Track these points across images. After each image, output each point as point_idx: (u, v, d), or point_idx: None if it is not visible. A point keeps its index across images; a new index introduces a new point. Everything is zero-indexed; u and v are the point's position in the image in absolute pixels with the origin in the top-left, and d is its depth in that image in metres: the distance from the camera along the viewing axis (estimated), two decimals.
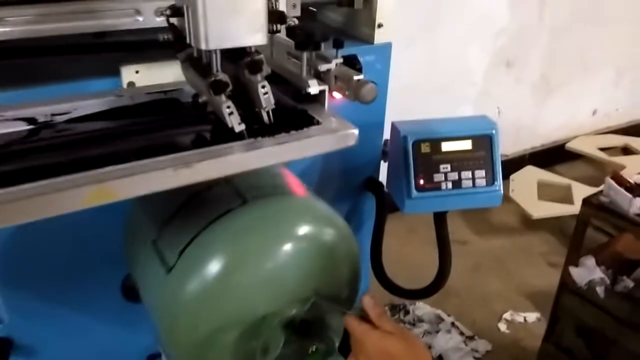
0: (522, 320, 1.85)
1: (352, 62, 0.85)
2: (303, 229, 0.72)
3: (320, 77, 0.72)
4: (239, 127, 0.57)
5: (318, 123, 0.63)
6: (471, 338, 1.76)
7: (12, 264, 0.88)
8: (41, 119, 0.64)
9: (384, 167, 1.21)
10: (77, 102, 0.66)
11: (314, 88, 0.66)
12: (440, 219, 1.15)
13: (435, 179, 1.07)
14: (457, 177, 1.08)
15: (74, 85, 0.74)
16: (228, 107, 0.56)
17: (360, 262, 0.81)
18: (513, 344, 1.76)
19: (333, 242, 0.75)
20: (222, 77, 0.55)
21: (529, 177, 2.49)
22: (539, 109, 2.76)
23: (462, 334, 1.77)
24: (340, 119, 0.65)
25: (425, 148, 1.07)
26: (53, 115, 0.64)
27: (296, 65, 0.71)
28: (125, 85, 0.76)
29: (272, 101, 0.59)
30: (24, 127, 0.63)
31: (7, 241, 0.86)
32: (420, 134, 1.06)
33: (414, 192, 1.06)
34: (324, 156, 1.12)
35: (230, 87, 0.56)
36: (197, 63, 0.60)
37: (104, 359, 1.06)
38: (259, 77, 0.58)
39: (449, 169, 1.08)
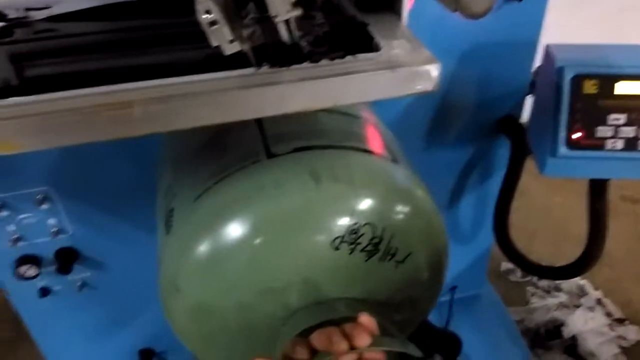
0: None
1: None
2: (354, 202, 0.49)
3: None
4: (230, 48, 0.35)
5: (376, 49, 0.38)
6: (620, 321, 1.42)
7: (77, 176, 0.83)
8: (12, 14, 0.47)
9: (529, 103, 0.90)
10: None
11: None
12: (597, 188, 0.83)
13: (599, 134, 0.75)
14: (633, 135, 0.74)
15: None
16: (207, 11, 0.33)
17: (446, 255, 0.57)
18: None
19: (403, 225, 0.52)
20: None
21: None
22: None
23: (608, 314, 1.43)
24: (416, 45, 0.39)
25: (590, 87, 0.74)
26: (27, 10, 0.47)
27: None
28: None
29: (288, 7, 0.35)
30: None
31: (70, 154, 0.80)
32: (585, 66, 0.73)
33: (563, 149, 0.75)
34: (450, 79, 0.86)
35: None
36: None
37: None
38: None
39: (623, 121, 0.74)
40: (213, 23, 0.34)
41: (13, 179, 0.79)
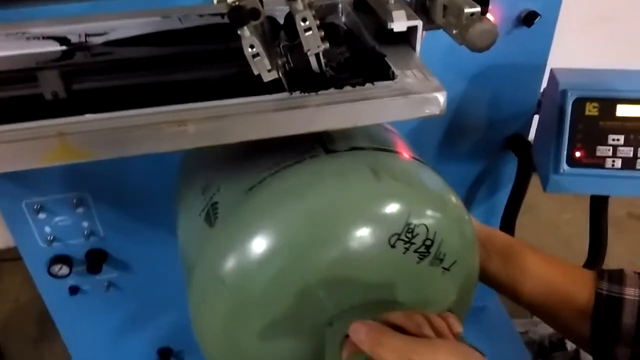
0: None
1: None
2: (412, 201, 0.49)
3: (425, 4, 0.51)
4: (269, 76, 0.41)
5: (392, 77, 0.44)
6: None
7: (110, 183, 0.88)
8: (74, 40, 0.54)
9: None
10: (115, 21, 0.54)
11: (399, 23, 0.45)
12: (598, 203, 0.88)
13: (599, 153, 0.80)
14: (631, 155, 0.79)
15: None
16: (251, 46, 0.39)
17: (477, 264, 0.59)
18: None
19: (451, 232, 0.52)
20: (249, 1, 0.39)
21: None
22: None
23: None
24: (427, 74, 0.44)
25: (591, 109, 0.79)
26: (88, 35, 0.54)
27: None
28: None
29: (319, 42, 0.41)
30: (56, 47, 0.54)
31: (106, 162, 0.84)
32: (587, 89, 0.78)
33: (565, 167, 0.81)
34: (462, 98, 0.91)
35: (262, 18, 0.39)
36: None
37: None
38: (299, 3, 0.40)
39: (622, 141, 0.79)
40: (255, 55, 0.40)
41: (52, 183, 0.85)
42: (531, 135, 0.97)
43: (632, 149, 0.78)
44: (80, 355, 1.11)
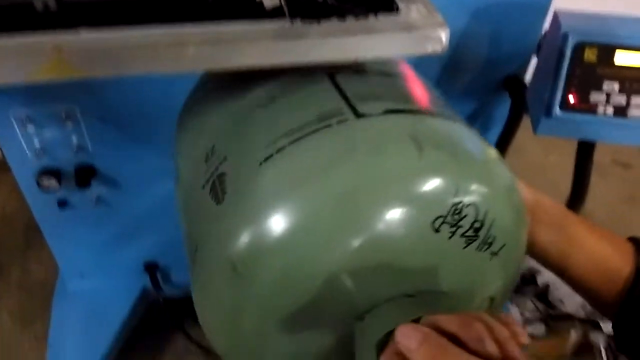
0: None
1: None
2: (459, 177, 0.41)
3: None
4: (271, 3, 0.39)
5: (396, 9, 0.43)
6: None
7: (100, 98, 0.87)
8: None
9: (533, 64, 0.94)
10: None
11: None
12: (585, 148, 0.89)
13: (592, 99, 0.80)
14: (624, 103, 0.79)
15: None
16: None
17: (526, 242, 0.51)
18: None
19: (503, 211, 0.44)
20: None
21: None
22: None
23: None
24: (431, 10, 0.43)
25: (590, 55, 0.78)
26: None
27: None
28: None
29: None
30: None
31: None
32: (589, 35, 0.77)
33: (557, 111, 0.81)
34: (462, 34, 0.90)
35: None
36: None
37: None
38: None
39: (616, 88, 0.79)
40: None
41: (41, 96, 0.84)
42: (528, 80, 0.97)
43: (625, 96, 0.78)
44: (68, 266, 1.14)
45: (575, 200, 0.93)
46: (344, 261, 0.41)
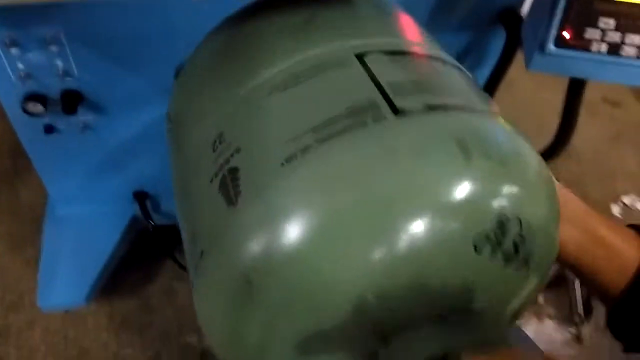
0: None
1: None
2: (506, 188, 0.37)
3: None
4: None
5: None
6: None
7: (87, 21, 0.84)
8: None
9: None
10: None
11: None
12: (576, 86, 0.89)
13: (587, 36, 0.79)
14: (618, 40, 0.79)
15: None
16: None
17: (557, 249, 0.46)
18: None
19: (545, 225, 0.41)
20: None
21: None
22: None
23: None
24: None
25: None
26: None
27: None
28: None
29: None
30: None
31: None
32: None
33: (551, 47, 0.80)
34: None
35: None
36: None
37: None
38: None
39: (612, 26, 0.78)
40: None
41: (24, 17, 0.81)
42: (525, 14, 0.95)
43: (620, 34, 0.77)
44: (57, 192, 1.14)
45: (562, 137, 0.93)
46: (371, 280, 0.37)
